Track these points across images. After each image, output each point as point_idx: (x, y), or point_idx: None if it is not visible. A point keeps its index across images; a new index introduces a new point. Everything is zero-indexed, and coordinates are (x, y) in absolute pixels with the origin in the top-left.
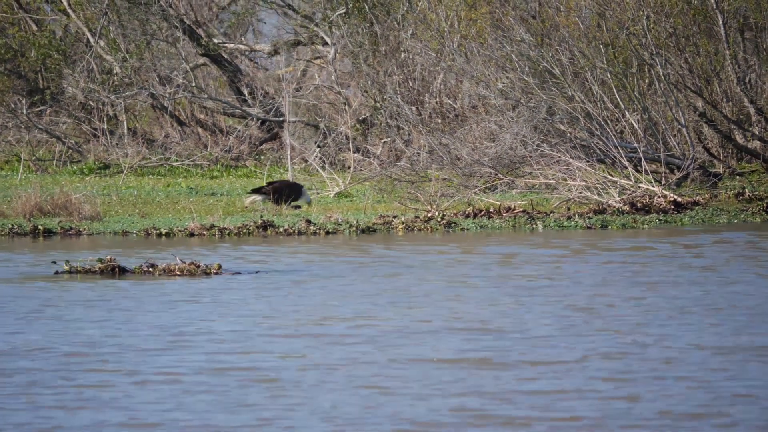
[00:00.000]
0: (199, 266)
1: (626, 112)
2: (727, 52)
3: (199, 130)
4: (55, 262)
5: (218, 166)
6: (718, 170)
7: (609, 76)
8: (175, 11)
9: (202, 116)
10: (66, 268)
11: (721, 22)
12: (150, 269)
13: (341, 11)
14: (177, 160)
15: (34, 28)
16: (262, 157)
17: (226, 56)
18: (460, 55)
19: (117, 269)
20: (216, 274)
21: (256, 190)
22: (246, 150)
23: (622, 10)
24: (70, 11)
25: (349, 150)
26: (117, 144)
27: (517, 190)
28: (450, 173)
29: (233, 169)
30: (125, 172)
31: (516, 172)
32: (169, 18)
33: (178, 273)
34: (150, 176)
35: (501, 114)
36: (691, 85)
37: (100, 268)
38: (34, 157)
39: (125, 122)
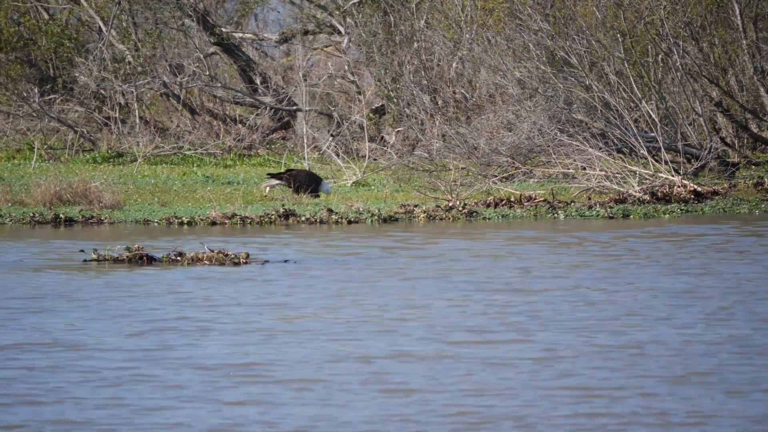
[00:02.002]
0: (227, 255)
1: (643, 102)
2: (744, 41)
3: (210, 119)
4: (83, 251)
5: (231, 155)
6: (735, 160)
7: (626, 66)
8: (189, 1)
9: (210, 105)
10: (94, 256)
11: (738, 11)
12: (178, 258)
13: (354, 0)
14: (190, 149)
15: (46, 16)
16: (274, 146)
17: (237, 45)
18: (478, 44)
19: (145, 258)
20: (244, 263)
21: (275, 176)
22: (258, 139)
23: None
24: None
25: (364, 139)
26: (129, 133)
27: (535, 179)
28: (467, 162)
29: (246, 158)
30: (139, 160)
31: (534, 162)
32: (182, 6)
33: (206, 262)
34: (163, 165)
35: (518, 103)
36: (707, 75)
37: (128, 256)
38: (45, 146)
39: (137, 111)
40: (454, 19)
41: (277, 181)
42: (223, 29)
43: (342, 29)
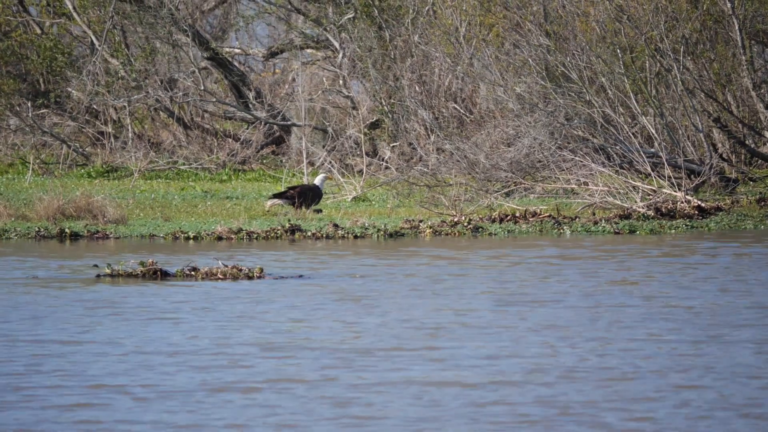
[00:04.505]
0: (241, 270)
1: (643, 117)
2: (743, 57)
3: (202, 133)
4: (96, 266)
5: (226, 169)
6: (735, 175)
7: (626, 81)
8: (181, 15)
9: (198, 119)
10: (107, 271)
11: (737, 27)
12: (192, 272)
13: (350, 15)
14: (184, 164)
15: (38, 31)
16: (266, 160)
17: (230, 59)
18: (478, 59)
19: (159, 272)
20: (258, 277)
21: (279, 195)
22: (252, 154)
23: (639, 15)
24: (75, 15)
25: (361, 154)
26: (123, 147)
27: (535, 194)
28: (467, 178)
29: (241, 173)
30: (136, 175)
31: (534, 177)
32: (178, 22)
33: (221, 276)
34: (158, 180)
35: (518, 118)
36: (706, 90)
37: (142, 271)
38: (38, 160)
39: (130, 126)
40: (453, 34)
41: (284, 200)
42: (213, 44)
43: (337, 44)
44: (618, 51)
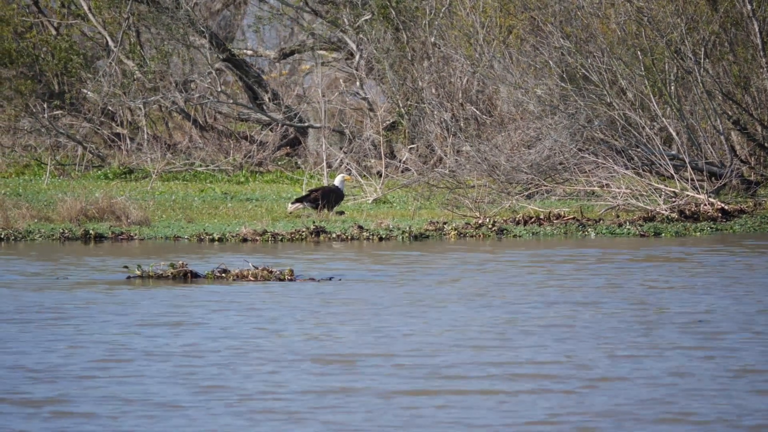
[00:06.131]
0: (272, 272)
1: (666, 120)
2: (763, 59)
3: (218, 135)
4: (126, 267)
5: (243, 171)
6: (755, 178)
7: (646, 83)
8: (197, 16)
9: (211, 120)
10: (138, 273)
11: (756, 29)
12: (222, 274)
13: (366, 17)
14: (201, 165)
15: (53, 32)
16: (280, 162)
17: (246, 61)
18: (498, 61)
19: (189, 274)
20: (289, 279)
21: (302, 199)
22: (268, 156)
23: (659, 18)
24: (90, 16)
25: (380, 156)
26: (139, 149)
27: (556, 196)
28: (488, 180)
29: (258, 174)
30: (154, 176)
31: (556, 179)
32: (194, 23)
33: (251, 278)
34: (175, 181)
35: (540, 120)
36: (726, 92)
37: (172, 273)
38: (54, 161)
39: (146, 127)
40: (474, 36)
41: (307, 204)
42: (229, 45)
43: (353, 46)
44: (638, 53)
